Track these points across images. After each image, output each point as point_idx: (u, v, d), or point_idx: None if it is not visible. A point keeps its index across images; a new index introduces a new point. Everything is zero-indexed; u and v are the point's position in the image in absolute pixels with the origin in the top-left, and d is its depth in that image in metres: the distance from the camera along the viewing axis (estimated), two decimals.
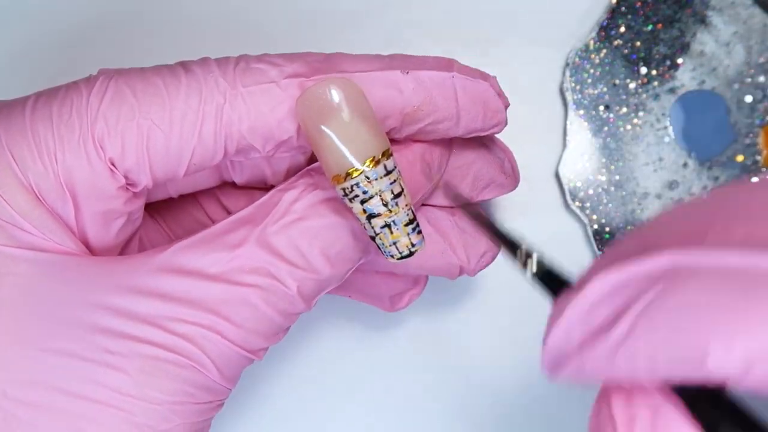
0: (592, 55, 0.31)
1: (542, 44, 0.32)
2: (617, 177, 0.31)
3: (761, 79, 0.31)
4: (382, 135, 0.19)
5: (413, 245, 0.20)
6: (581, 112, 0.31)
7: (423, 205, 0.25)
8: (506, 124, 0.23)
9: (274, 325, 0.20)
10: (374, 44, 0.32)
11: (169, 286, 0.19)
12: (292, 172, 0.23)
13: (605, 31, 0.31)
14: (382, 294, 0.26)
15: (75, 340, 0.18)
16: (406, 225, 0.20)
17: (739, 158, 0.30)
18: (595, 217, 0.31)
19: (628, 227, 0.30)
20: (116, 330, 0.19)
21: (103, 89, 0.19)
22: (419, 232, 0.20)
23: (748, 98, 0.31)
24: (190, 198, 0.25)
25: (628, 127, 0.31)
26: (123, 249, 0.22)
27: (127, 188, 0.20)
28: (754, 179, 0.30)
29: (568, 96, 0.31)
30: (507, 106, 0.23)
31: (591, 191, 0.31)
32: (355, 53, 0.21)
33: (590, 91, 0.31)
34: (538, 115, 0.31)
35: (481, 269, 0.25)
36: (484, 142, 0.25)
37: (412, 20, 0.32)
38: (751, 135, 0.31)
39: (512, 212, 0.31)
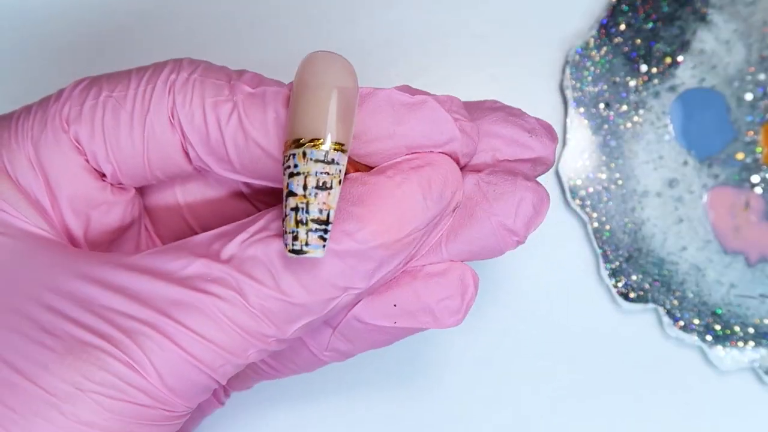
0: (593, 53, 0.31)
1: (542, 42, 0.32)
2: (617, 175, 0.31)
3: (761, 76, 0.31)
4: (348, 130, 0.19)
5: (307, 245, 0.18)
6: (581, 110, 0.31)
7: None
8: None
9: (235, 342, 0.19)
10: (371, 44, 0.32)
11: (127, 282, 0.19)
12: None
13: (605, 28, 0.31)
14: None
15: (20, 315, 0.19)
16: (313, 221, 0.18)
17: (739, 156, 0.30)
18: (595, 215, 0.31)
19: (628, 225, 0.30)
20: (58, 310, 0.19)
21: (78, 82, 0.21)
22: (323, 239, 0.18)
23: (748, 96, 0.31)
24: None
25: (628, 125, 0.31)
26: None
27: (101, 177, 0.21)
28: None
29: (568, 94, 0.31)
30: None
31: (591, 189, 0.31)
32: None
33: (590, 88, 0.31)
34: (537, 113, 0.31)
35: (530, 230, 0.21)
36: None
37: (411, 20, 0.32)
38: (751, 133, 0.31)
39: None
